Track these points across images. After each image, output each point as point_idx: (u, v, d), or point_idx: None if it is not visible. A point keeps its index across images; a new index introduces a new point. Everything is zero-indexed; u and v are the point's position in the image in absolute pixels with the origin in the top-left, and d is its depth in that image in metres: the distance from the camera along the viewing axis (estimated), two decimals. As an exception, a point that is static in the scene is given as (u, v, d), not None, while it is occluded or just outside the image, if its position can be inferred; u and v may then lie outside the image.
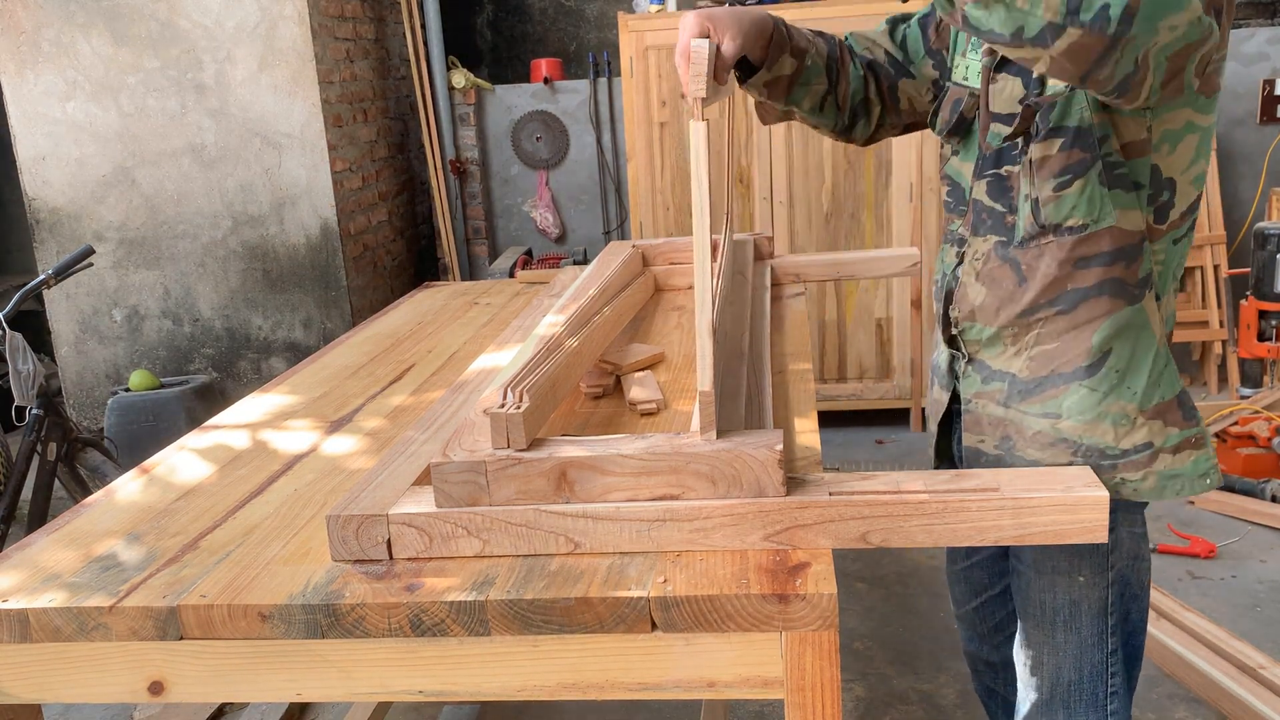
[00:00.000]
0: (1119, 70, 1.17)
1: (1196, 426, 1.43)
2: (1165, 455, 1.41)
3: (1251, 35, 4.62)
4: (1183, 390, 1.44)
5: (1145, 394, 1.40)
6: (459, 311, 2.70)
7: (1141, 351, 1.40)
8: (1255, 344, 3.48)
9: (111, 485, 1.64)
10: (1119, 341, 1.39)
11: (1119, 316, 1.38)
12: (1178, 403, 1.42)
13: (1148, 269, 1.38)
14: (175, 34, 4.39)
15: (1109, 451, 1.41)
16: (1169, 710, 2.52)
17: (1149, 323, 1.39)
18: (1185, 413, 1.42)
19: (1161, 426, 1.41)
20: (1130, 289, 1.37)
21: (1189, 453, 1.42)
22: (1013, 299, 1.43)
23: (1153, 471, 1.41)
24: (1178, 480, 1.42)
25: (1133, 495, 1.42)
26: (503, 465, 1.25)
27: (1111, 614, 1.52)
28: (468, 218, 5.30)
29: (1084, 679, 1.54)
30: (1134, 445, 1.41)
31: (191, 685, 1.23)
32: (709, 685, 1.17)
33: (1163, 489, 1.42)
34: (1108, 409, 1.40)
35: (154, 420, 4.13)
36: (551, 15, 5.75)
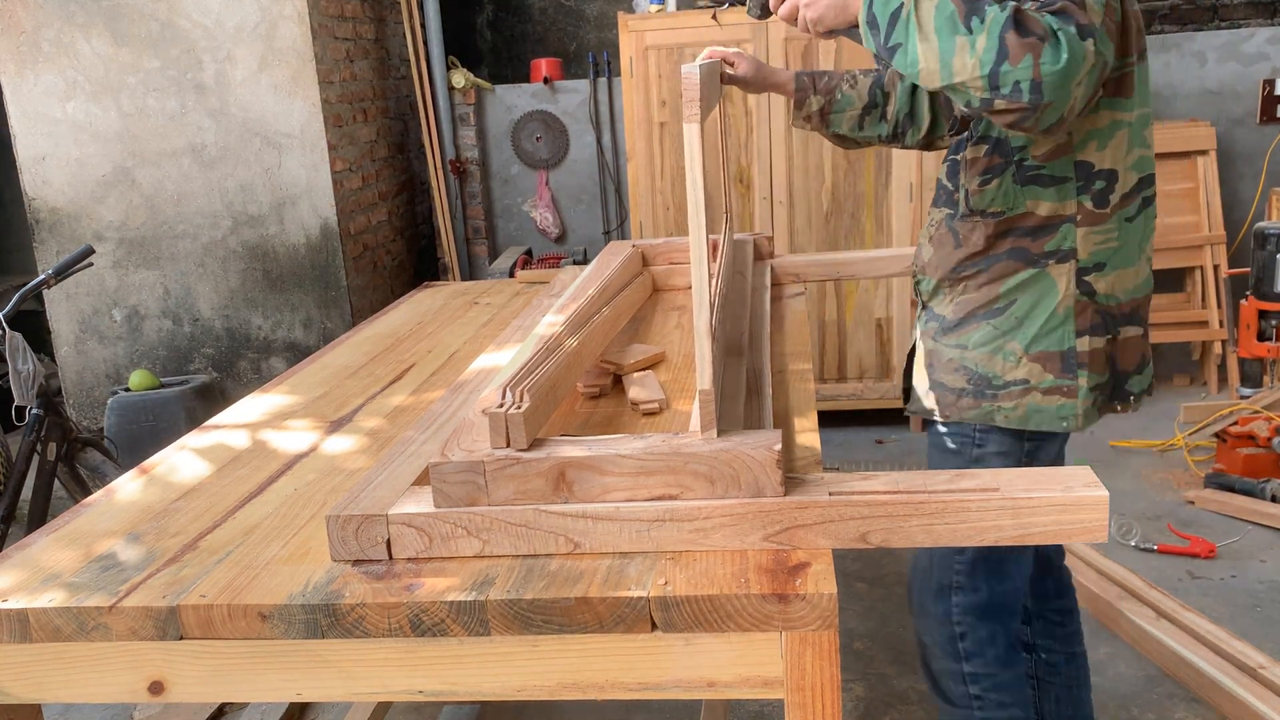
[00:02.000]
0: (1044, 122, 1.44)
1: (1073, 380, 1.69)
2: (1036, 394, 1.70)
3: (1251, 35, 4.62)
4: (1071, 349, 1.68)
5: (1033, 341, 1.68)
6: (459, 311, 2.71)
7: (1041, 307, 1.68)
8: (1255, 344, 3.48)
9: (111, 485, 1.64)
10: (1022, 295, 1.69)
11: (1023, 276, 1.68)
12: (1060, 356, 1.68)
13: (1058, 245, 1.66)
14: (175, 34, 4.39)
15: (994, 381, 1.71)
16: (1169, 710, 2.52)
17: (1055, 286, 1.67)
18: (1065, 366, 1.69)
19: (1040, 370, 1.69)
20: (1036, 257, 1.67)
21: (1058, 398, 1.69)
22: (949, 258, 1.75)
23: (1023, 404, 1.70)
24: (1041, 415, 1.70)
25: (1003, 421, 1.72)
26: (501, 465, 1.25)
27: None
28: (468, 218, 5.30)
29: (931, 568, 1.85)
30: (1014, 379, 1.70)
31: (191, 685, 1.23)
32: (709, 685, 1.17)
33: (1027, 419, 1.71)
34: (1002, 345, 1.70)
35: (154, 420, 4.13)
36: (551, 15, 5.75)
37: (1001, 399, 1.71)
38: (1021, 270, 1.68)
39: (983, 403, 1.72)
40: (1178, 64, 4.68)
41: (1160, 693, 2.59)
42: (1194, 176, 4.57)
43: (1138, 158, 1.66)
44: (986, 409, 1.72)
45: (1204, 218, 4.57)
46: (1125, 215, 1.67)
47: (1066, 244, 1.66)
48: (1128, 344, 1.75)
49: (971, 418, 1.74)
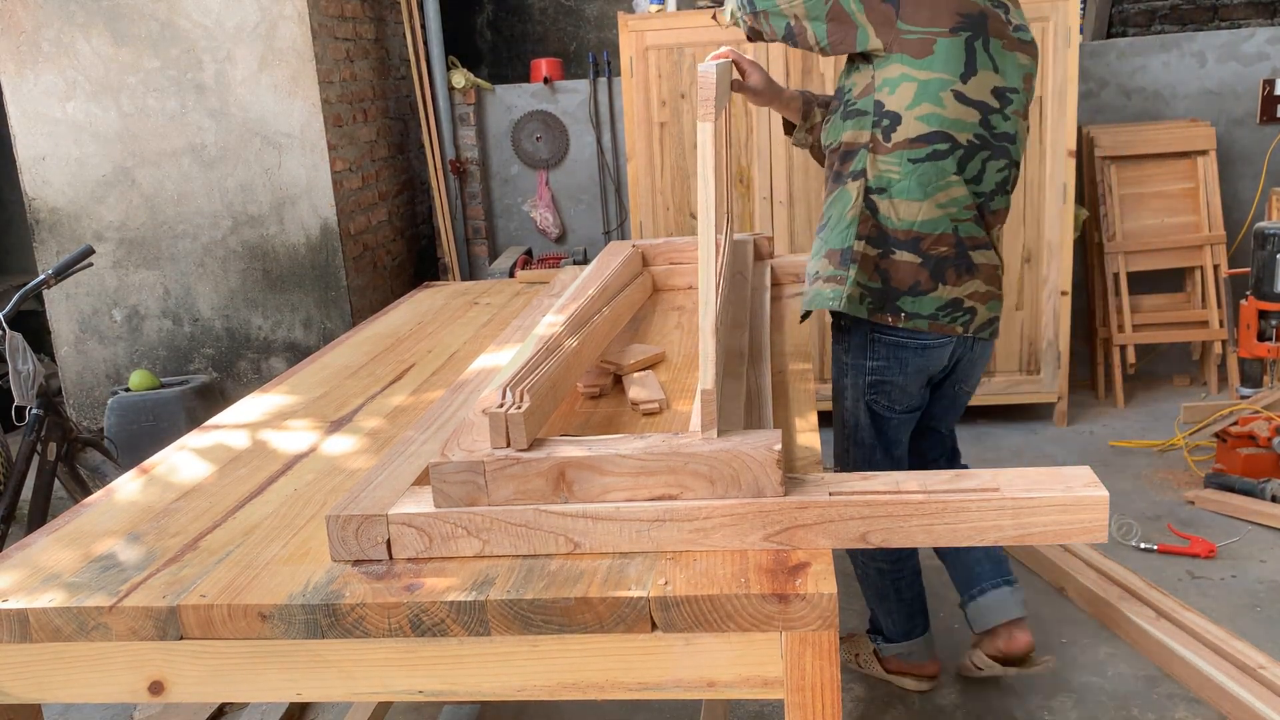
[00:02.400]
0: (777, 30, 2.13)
1: (845, 272, 2.15)
2: (820, 281, 2.20)
3: (1251, 35, 4.62)
4: (848, 248, 2.15)
5: (828, 240, 2.19)
6: (459, 311, 2.71)
7: (838, 215, 2.18)
8: (1255, 344, 3.48)
9: (111, 485, 1.64)
10: (833, 209, 2.20)
11: (835, 192, 2.20)
12: (840, 252, 2.17)
13: (859, 167, 2.14)
14: (175, 34, 4.39)
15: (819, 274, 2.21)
16: (1169, 710, 2.52)
17: (850, 198, 2.15)
18: (842, 261, 2.15)
19: (826, 263, 2.19)
20: (843, 177, 2.18)
21: (831, 285, 2.17)
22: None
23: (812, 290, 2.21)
24: (819, 298, 2.19)
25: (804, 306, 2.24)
26: (501, 465, 1.25)
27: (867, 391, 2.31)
28: (468, 218, 5.30)
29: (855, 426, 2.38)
30: (814, 271, 2.22)
31: (191, 685, 1.24)
32: (709, 685, 1.17)
33: (813, 301, 2.21)
34: (821, 248, 2.22)
35: (154, 420, 4.12)
36: (551, 15, 5.75)
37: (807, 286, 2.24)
38: (835, 189, 2.19)
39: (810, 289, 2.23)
40: (1178, 64, 4.68)
41: (1160, 693, 2.59)
42: (1194, 176, 4.57)
43: (927, 112, 2.05)
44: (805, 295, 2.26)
45: (1204, 218, 4.56)
46: (910, 156, 2.09)
47: (859, 165, 2.14)
48: (900, 265, 2.15)
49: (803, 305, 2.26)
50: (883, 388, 2.29)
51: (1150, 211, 4.61)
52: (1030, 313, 4.27)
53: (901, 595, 2.55)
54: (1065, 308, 4.22)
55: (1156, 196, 4.60)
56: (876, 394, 2.31)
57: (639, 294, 2.40)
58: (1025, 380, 4.34)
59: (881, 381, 2.28)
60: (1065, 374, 4.31)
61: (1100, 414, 4.52)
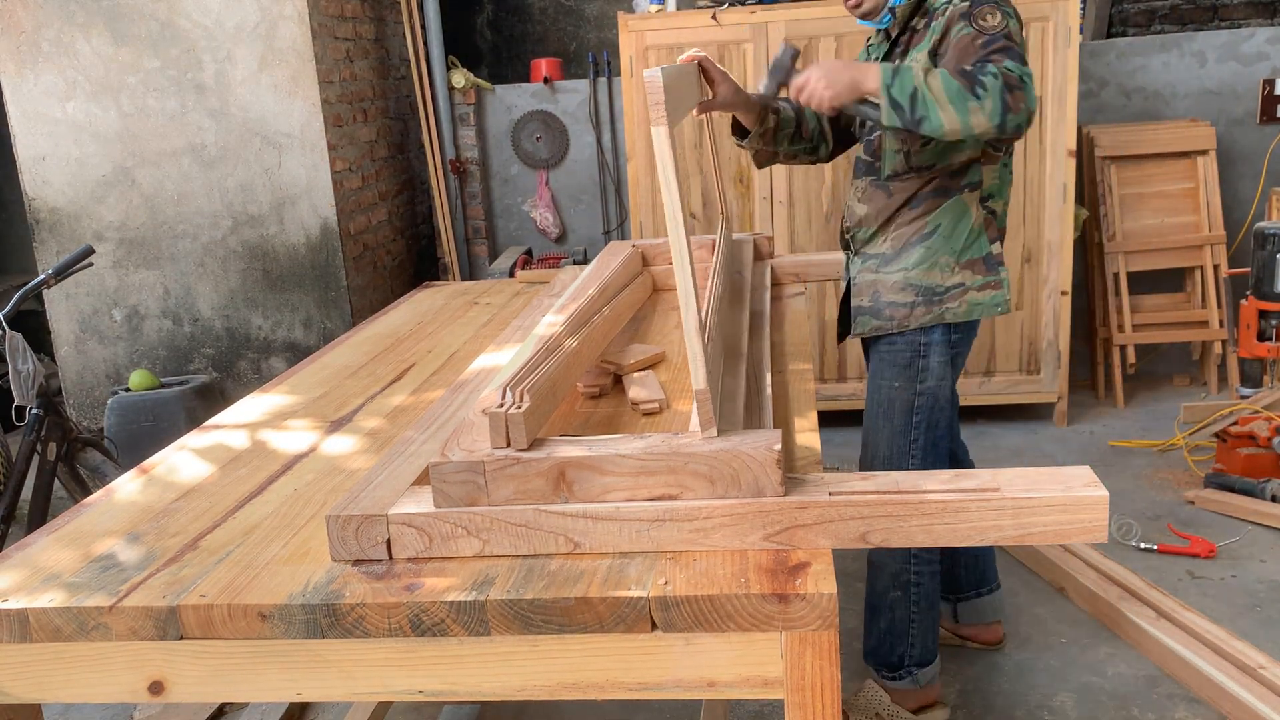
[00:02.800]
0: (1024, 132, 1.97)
1: (996, 275, 2.25)
2: (972, 291, 2.24)
3: (1251, 35, 4.62)
4: (989, 254, 2.24)
5: (960, 252, 2.23)
6: (459, 311, 2.71)
7: (960, 226, 2.22)
8: (1255, 344, 3.48)
9: (111, 485, 1.64)
10: (945, 219, 2.22)
11: (945, 205, 2.21)
12: (983, 261, 2.24)
13: (972, 179, 2.21)
14: (175, 34, 4.39)
15: (937, 289, 2.23)
16: (1169, 710, 2.52)
17: (968, 210, 2.22)
18: (989, 267, 2.25)
19: (971, 274, 2.23)
20: (952, 190, 2.21)
21: (989, 291, 2.25)
22: (884, 209, 2.26)
23: (965, 301, 2.24)
24: (981, 306, 2.24)
25: (952, 318, 2.24)
26: (501, 465, 1.25)
27: (916, 413, 2.30)
28: (468, 218, 5.30)
29: (892, 456, 2.34)
30: (953, 284, 2.23)
31: (191, 685, 1.23)
32: (709, 685, 1.17)
33: (971, 311, 2.24)
34: (936, 260, 2.22)
35: (154, 420, 4.12)
36: (551, 15, 5.75)
37: (947, 301, 2.22)
38: (944, 201, 2.21)
39: (933, 308, 2.22)
40: (1178, 64, 4.68)
41: (1160, 693, 2.59)
42: (1194, 176, 4.57)
43: None
44: (937, 312, 2.23)
45: (1204, 218, 4.56)
46: (1008, 153, 2.25)
47: (975, 177, 2.21)
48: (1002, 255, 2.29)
49: (925, 322, 2.23)
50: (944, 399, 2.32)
51: (1150, 211, 4.61)
52: (1030, 313, 4.27)
53: (934, 604, 2.41)
54: (1065, 308, 4.22)
55: (1156, 196, 4.60)
56: (939, 412, 2.32)
57: (639, 294, 2.40)
58: (1025, 380, 4.34)
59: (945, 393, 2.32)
60: (1065, 374, 4.31)
61: (1100, 414, 4.52)
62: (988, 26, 1.98)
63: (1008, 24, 1.99)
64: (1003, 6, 2.02)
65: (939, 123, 1.89)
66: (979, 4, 2.02)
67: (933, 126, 1.90)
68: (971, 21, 2.00)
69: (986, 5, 2.01)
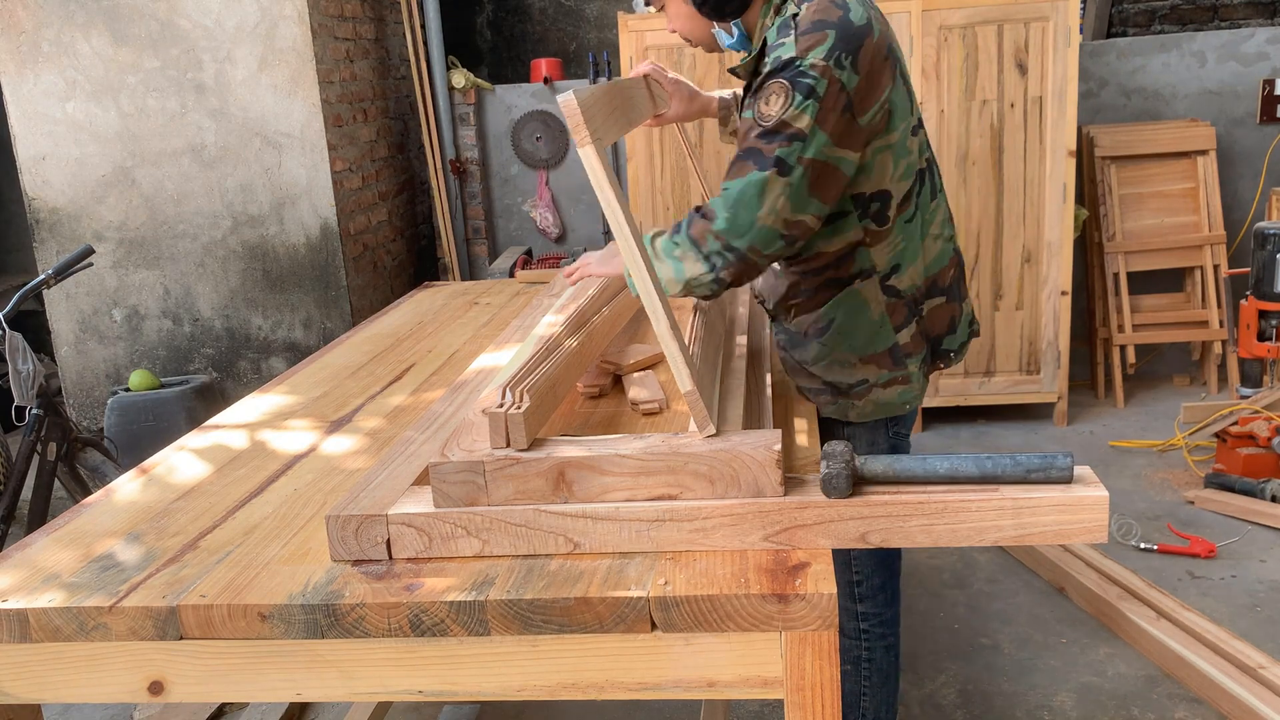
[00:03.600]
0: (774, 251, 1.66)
1: (904, 369, 1.88)
2: (878, 389, 1.89)
3: (1251, 35, 4.62)
4: (894, 344, 1.87)
5: (862, 348, 1.86)
6: (459, 311, 2.70)
7: (860, 319, 1.84)
8: (1255, 344, 3.48)
9: (111, 485, 1.64)
10: (839, 313, 1.84)
11: (837, 299, 1.83)
12: (889, 354, 1.87)
13: (861, 266, 1.80)
14: (175, 34, 4.39)
15: (840, 386, 1.90)
16: (1169, 710, 2.52)
17: (866, 302, 1.83)
18: (895, 360, 1.87)
19: (875, 369, 1.87)
20: (842, 282, 1.82)
21: (896, 387, 1.89)
22: (776, 288, 1.90)
23: (870, 400, 1.90)
24: (887, 406, 1.91)
25: (858, 417, 1.92)
26: (501, 465, 1.25)
27: None
28: (468, 218, 5.30)
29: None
30: (855, 381, 1.88)
31: (191, 685, 1.23)
32: (709, 685, 1.17)
33: (876, 411, 1.91)
34: (836, 358, 1.87)
35: (154, 420, 4.12)
36: (551, 15, 5.75)
37: (852, 398, 1.90)
38: (836, 293, 1.83)
39: (839, 400, 1.91)
40: (1178, 64, 4.68)
41: (1160, 693, 2.59)
42: (1194, 176, 4.57)
43: (904, 168, 1.77)
44: (842, 405, 1.92)
45: (1204, 218, 4.57)
46: (904, 219, 1.80)
47: (865, 264, 1.80)
48: (934, 314, 1.91)
49: (832, 413, 1.93)
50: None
51: (1150, 211, 4.61)
52: (1030, 313, 4.27)
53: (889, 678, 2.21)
54: (1065, 308, 4.23)
55: (1156, 196, 4.60)
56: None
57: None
58: (1025, 380, 4.34)
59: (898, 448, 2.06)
60: (1065, 374, 4.31)
61: (1100, 414, 4.52)
62: (763, 115, 1.60)
63: (788, 108, 1.58)
64: (800, 82, 1.58)
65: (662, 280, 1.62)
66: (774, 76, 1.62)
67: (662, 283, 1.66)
68: (757, 101, 1.63)
69: (776, 82, 1.60)
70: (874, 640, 2.16)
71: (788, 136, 1.58)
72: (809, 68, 1.58)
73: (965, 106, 4.12)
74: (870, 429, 1.96)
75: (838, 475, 1.22)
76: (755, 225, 1.59)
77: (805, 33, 1.61)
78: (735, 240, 1.60)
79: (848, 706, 2.22)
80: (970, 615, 3.00)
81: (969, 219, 4.21)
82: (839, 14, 1.63)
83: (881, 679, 2.20)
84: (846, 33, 1.61)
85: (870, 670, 2.18)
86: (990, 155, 4.16)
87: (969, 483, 1.24)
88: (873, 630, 2.14)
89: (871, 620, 2.14)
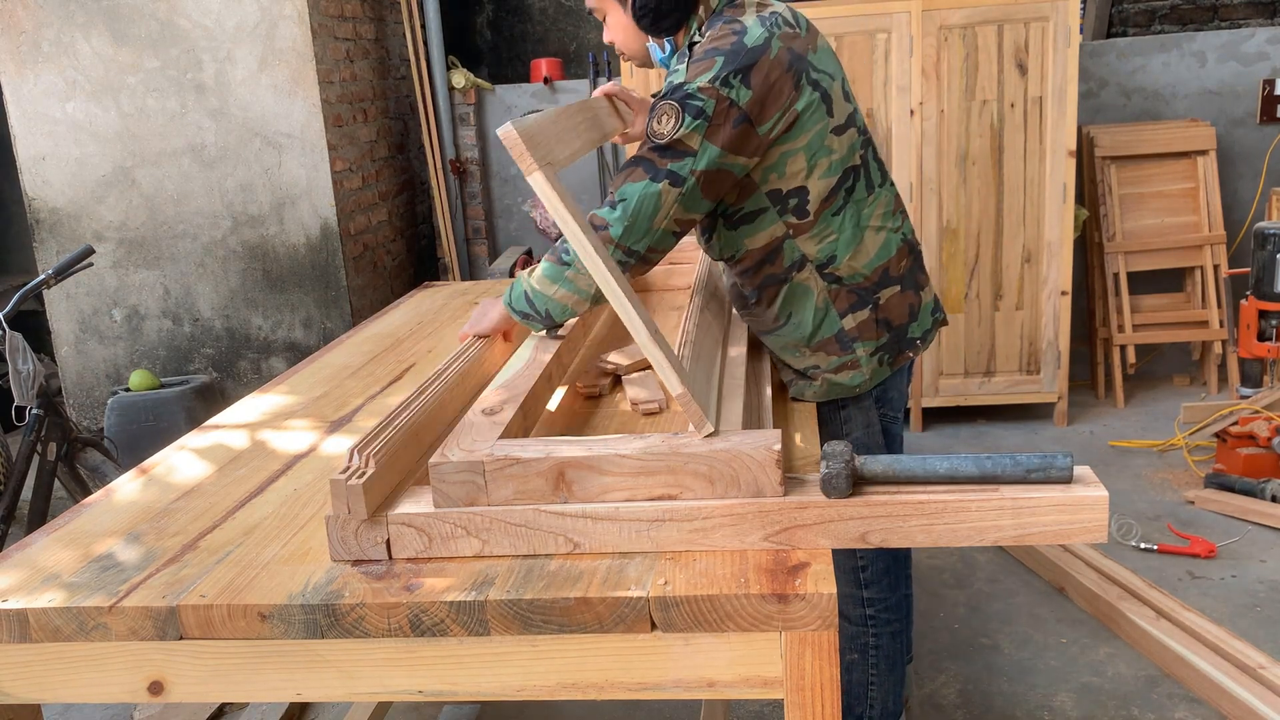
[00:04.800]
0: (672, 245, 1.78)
1: (851, 354, 1.97)
2: (827, 374, 1.98)
3: (1251, 35, 4.62)
4: (840, 330, 1.95)
5: (810, 335, 1.95)
6: (459, 311, 2.70)
7: (805, 309, 1.93)
8: (1255, 344, 3.48)
9: (111, 485, 1.64)
10: (790, 306, 1.93)
11: (782, 294, 1.92)
12: (835, 339, 1.95)
13: (792, 258, 1.90)
14: (175, 34, 4.39)
15: (797, 369, 2.00)
16: (1169, 710, 2.52)
17: (808, 291, 1.92)
18: (841, 345, 1.96)
19: (824, 356, 1.97)
20: (780, 277, 1.92)
21: (846, 371, 1.98)
22: (733, 290, 2.02)
23: (824, 380, 1.99)
24: (838, 388, 1.99)
25: (811, 398, 2.00)
26: (501, 465, 1.25)
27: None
28: (468, 218, 5.30)
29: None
30: (807, 367, 1.99)
31: (191, 685, 1.24)
32: (709, 685, 1.17)
33: (830, 392, 1.99)
34: (788, 345, 1.98)
35: (154, 420, 4.12)
36: (551, 15, 5.75)
37: (811, 379, 2.00)
38: (780, 289, 1.93)
39: (799, 383, 2.01)
40: (1178, 64, 4.68)
41: (1160, 693, 2.59)
42: (1194, 176, 4.57)
43: (827, 166, 1.86)
44: (800, 387, 2.01)
45: (1204, 218, 4.57)
46: (830, 212, 1.89)
47: (795, 255, 1.90)
48: (891, 303, 1.99)
49: (797, 394, 2.02)
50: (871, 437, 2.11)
51: (1150, 211, 4.61)
52: (1030, 313, 4.27)
53: (896, 664, 2.26)
54: (1065, 308, 4.23)
55: (1156, 196, 4.60)
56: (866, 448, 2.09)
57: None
58: (1025, 380, 4.34)
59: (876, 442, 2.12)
60: (1065, 374, 4.31)
61: (1100, 414, 4.52)
62: (656, 133, 1.71)
63: (679, 131, 1.69)
64: (689, 104, 1.69)
65: (560, 306, 1.75)
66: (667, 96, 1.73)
67: (560, 310, 1.76)
68: (650, 119, 1.73)
69: (666, 102, 1.71)
70: (880, 626, 2.20)
71: (679, 153, 1.70)
72: (697, 91, 1.70)
73: (965, 106, 4.12)
74: (864, 409, 2.06)
75: (838, 475, 1.22)
76: (651, 229, 1.72)
77: (696, 60, 1.74)
78: (635, 244, 1.72)
79: (856, 697, 2.27)
80: (970, 615, 3.00)
81: (969, 219, 4.21)
82: (733, 39, 1.75)
83: (889, 666, 2.23)
84: (737, 55, 1.72)
85: (878, 657, 2.22)
86: (990, 155, 4.16)
87: (969, 483, 1.24)
88: (879, 616, 2.18)
89: (877, 606, 2.17)
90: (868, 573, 2.14)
